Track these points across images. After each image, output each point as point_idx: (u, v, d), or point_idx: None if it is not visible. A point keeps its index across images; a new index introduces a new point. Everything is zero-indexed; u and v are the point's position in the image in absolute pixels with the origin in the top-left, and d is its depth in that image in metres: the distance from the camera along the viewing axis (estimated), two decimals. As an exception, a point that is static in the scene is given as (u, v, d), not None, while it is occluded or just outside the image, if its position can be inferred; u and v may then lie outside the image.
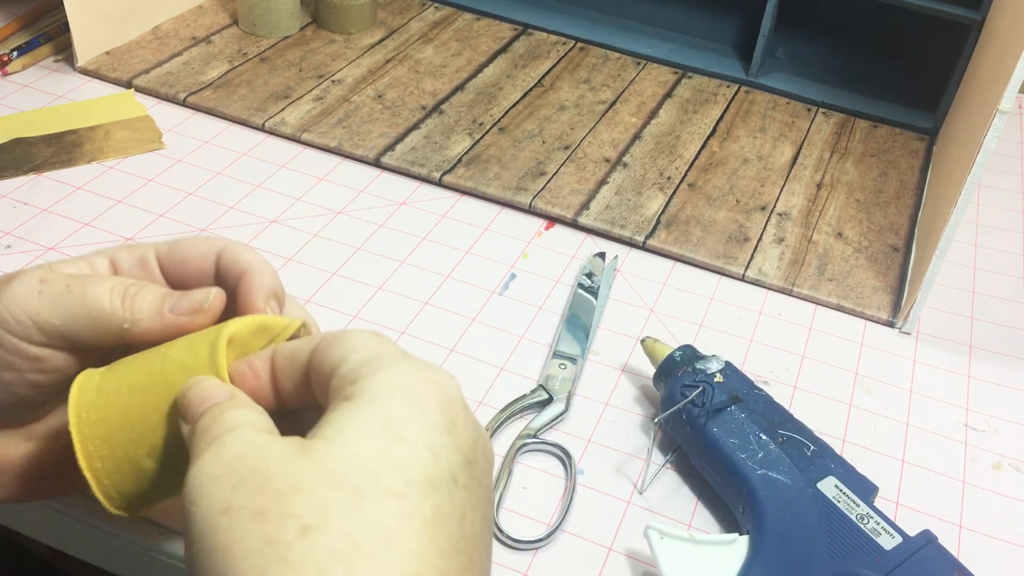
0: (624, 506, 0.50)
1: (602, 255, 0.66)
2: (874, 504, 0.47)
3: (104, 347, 0.37)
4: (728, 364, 0.53)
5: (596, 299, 0.62)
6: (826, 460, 0.49)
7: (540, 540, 0.48)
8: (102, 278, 0.37)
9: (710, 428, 0.50)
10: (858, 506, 0.46)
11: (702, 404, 0.50)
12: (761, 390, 0.52)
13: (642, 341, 0.56)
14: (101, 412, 0.35)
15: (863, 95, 0.86)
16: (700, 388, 0.51)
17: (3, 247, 0.63)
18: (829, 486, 0.47)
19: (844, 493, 0.47)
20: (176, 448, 0.34)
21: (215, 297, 0.37)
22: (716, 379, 0.52)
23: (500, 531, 0.48)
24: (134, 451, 0.35)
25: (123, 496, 0.36)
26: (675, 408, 0.51)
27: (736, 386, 0.52)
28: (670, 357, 0.54)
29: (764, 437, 0.49)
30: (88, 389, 0.35)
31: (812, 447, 0.49)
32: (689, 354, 0.53)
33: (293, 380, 0.34)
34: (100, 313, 0.36)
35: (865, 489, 0.48)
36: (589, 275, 0.64)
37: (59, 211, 0.66)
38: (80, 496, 0.40)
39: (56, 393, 0.38)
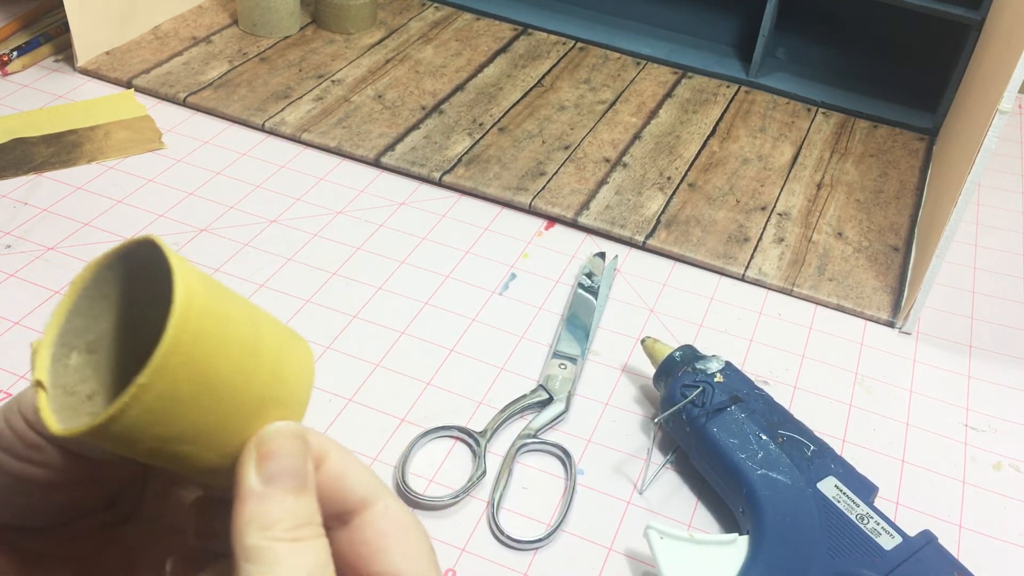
0: (624, 506, 0.50)
1: (602, 255, 0.66)
2: (874, 504, 0.47)
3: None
4: (728, 364, 0.53)
5: (596, 299, 0.62)
6: (826, 460, 0.49)
7: (540, 540, 0.48)
8: None
9: (710, 428, 0.50)
10: (858, 506, 0.46)
11: (702, 404, 0.50)
12: (761, 390, 0.52)
13: (642, 341, 0.56)
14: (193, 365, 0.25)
15: (863, 95, 0.86)
16: (700, 388, 0.51)
17: (3, 247, 0.63)
18: (829, 486, 0.47)
19: (844, 493, 0.47)
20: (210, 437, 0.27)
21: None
22: (716, 379, 0.52)
23: (500, 531, 0.48)
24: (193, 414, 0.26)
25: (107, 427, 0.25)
26: (675, 408, 0.51)
27: (736, 386, 0.52)
28: (670, 357, 0.54)
29: (764, 437, 0.49)
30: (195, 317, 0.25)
31: (812, 447, 0.49)
32: (689, 354, 0.53)
33: (324, 495, 0.28)
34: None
35: (865, 489, 0.48)
36: (589, 275, 0.64)
37: (59, 211, 0.66)
38: None
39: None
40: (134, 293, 0.28)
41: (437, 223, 0.68)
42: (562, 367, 0.57)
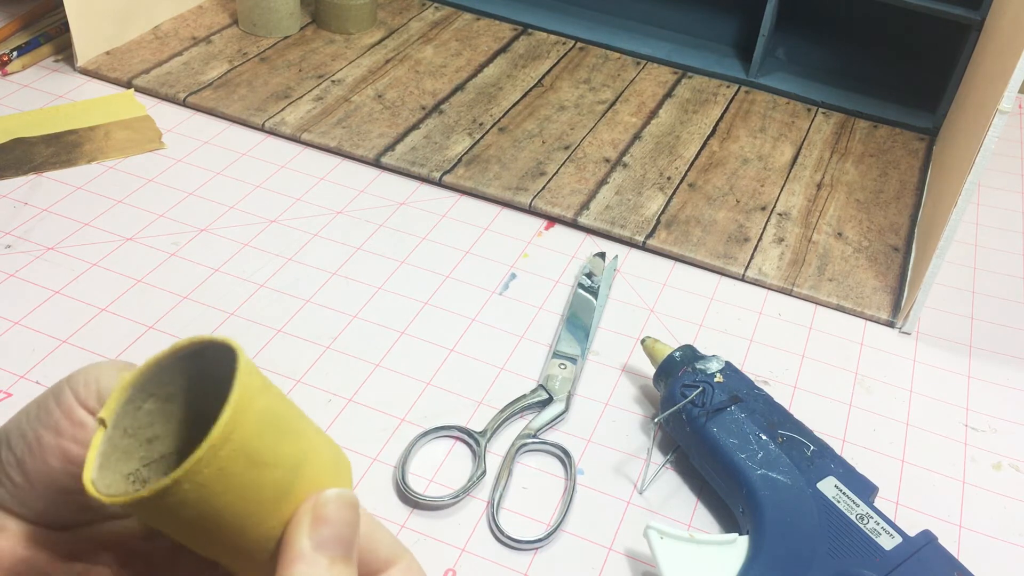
0: (624, 506, 0.50)
1: (602, 255, 0.66)
2: (874, 504, 0.47)
3: None
4: (728, 364, 0.53)
5: (596, 299, 0.62)
6: (826, 460, 0.49)
7: (540, 540, 0.48)
8: None
9: (710, 428, 0.50)
10: (858, 506, 0.46)
11: (702, 404, 0.50)
12: (761, 390, 0.52)
13: (642, 341, 0.56)
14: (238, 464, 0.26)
15: (863, 95, 0.86)
16: (700, 388, 0.51)
17: (3, 247, 0.63)
18: (829, 486, 0.47)
19: (844, 493, 0.47)
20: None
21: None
22: (716, 379, 0.52)
23: (500, 531, 0.48)
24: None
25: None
26: (675, 408, 0.51)
27: (736, 386, 0.52)
28: (670, 357, 0.54)
29: (764, 437, 0.49)
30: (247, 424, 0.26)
31: (812, 447, 0.49)
32: (689, 354, 0.53)
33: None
34: None
35: (865, 489, 0.48)
36: (589, 275, 0.64)
37: (59, 211, 0.66)
38: None
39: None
40: (220, 375, 0.29)
41: (437, 223, 0.68)
42: (562, 367, 0.57)
